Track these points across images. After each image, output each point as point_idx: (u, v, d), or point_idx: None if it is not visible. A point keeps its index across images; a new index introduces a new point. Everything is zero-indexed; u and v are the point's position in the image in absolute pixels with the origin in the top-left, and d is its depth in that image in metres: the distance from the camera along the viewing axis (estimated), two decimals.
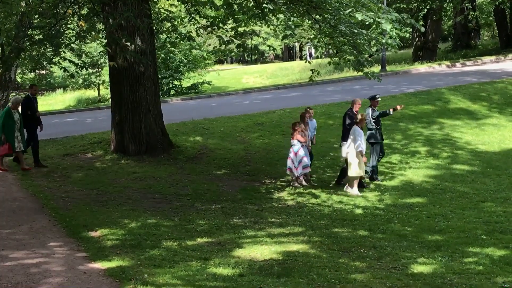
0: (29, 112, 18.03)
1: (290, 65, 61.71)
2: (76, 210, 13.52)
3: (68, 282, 8.88)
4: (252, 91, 36.38)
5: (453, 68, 40.10)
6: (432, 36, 44.52)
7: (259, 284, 8.98)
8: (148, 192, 15.73)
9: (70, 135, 22.29)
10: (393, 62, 44.36)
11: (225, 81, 54.14)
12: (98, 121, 25.66)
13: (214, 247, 11.11)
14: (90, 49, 50.37)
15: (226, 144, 20.81)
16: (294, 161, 16.69)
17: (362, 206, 15.04)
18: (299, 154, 16.64)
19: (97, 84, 53.76)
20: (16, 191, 15.53)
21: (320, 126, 23.28)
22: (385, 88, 29.78)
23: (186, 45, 41.19)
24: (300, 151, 16.67)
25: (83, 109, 34.99)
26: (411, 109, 25.97)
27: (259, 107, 27.06)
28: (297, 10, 17.27)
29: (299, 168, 16.65)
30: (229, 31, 20.69)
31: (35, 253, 10.41)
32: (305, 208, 14.83)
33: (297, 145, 16.73)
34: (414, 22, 16.95)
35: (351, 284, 9.17)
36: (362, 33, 16.57)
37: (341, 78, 38.39)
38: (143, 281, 8.89)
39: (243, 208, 14.51)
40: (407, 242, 11.88)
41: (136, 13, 17.32)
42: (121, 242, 11.17)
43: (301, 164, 16.63)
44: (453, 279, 9.48)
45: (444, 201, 15.38)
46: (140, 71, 18.67)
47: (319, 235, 12.31)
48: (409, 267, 10.17)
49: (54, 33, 16.73)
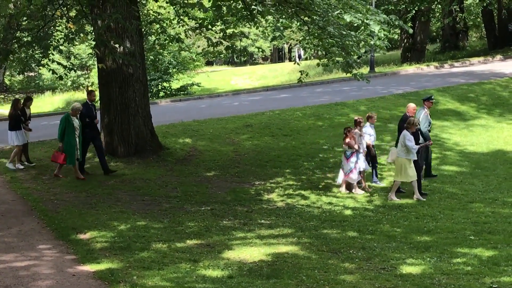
0: (88, 119, 17.45)
1: (279, 67, 61.79)
2: (65, 213, 13.49)
3: (57, 284, 8.87)
4: (242, 92, 36.39)
5: (441, 69, 40.21)
6: (420, 38, 44.65)
7: (248, 286, 9.00)
8: (137, 194, 15.70)
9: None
10: (382, 64, 44.46)
11: (214, 82, 54.14)
12: None
13: (204, 249, 11.11)
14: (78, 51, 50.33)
15: (216, 146, 20.81)
16: (344, 167, 16.37)
17: (351, 207, 15.08)
18: (351, 160, 16.26)
19: (86, 86, 53.65)
20: (4, 194, 15.47)
21: (309, 128, 23.35)
22: (374, 89, 29.86)
23: (175, 46, 41.06)
24: (353, 157, 16.28)
25: None
26: (400, 110, 26.00)
27: (248, 108, 27.07)
28: (285, 12, 17.31)
29: (353, 173, 16.25)
30: (218, 32, 20.70)
31: (24, 256, 10.39)
32: (294, 209, 14.85)
33: (349, 151, 16.37)
34: (402, 24, 17.03)
35: (340, 285, 9.21)
36: (351, 35, 16.62)
37: (330, 80, 38.44)
38: (132, 283, 8.90)
39: (233, 210, 14.52)
40: (396, 243, 11.93)
41: (125, 15, 17.31)
42: (110, 244, 11.16)
43: (356, 170, 16.22)
44: (441, 280, 9.52)
45: (432, 202, 15.44)
46: (129, 73, 18.64)
47: (308, 236, 12.33)
48: (398, 267, 10.21)
49: (42, 35, 16.73)
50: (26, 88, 62.68)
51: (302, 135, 22.41)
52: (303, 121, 24.39)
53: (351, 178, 16.26)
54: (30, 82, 63.73)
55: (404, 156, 15.48)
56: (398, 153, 15.63)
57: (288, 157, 19.73)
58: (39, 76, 61.35)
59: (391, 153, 16.20)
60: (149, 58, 40.13)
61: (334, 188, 16.81)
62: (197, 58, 47.94)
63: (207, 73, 53.46)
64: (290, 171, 18.41)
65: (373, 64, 39.80)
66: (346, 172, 16.30)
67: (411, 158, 15.50)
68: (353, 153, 16.30)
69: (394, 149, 16.06)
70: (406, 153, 15.45)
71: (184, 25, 21.16)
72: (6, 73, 47.43)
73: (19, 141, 17.93)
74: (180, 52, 44.30)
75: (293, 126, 23.67)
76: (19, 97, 30.79)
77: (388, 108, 26.48)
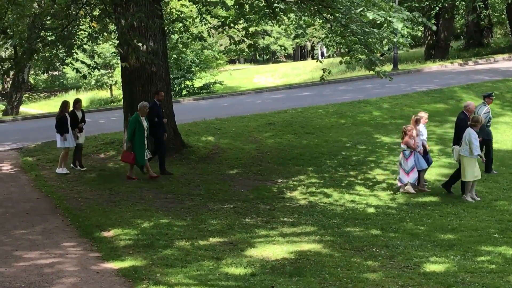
0: (157, 119, 17.45)
1: (301, 65, 61.68)
2: (89, 211, 13.58)
3: (81, 282, 8.93)
4: (264, 90, 36.39)
5: (465, 66, 39.94)
6: (444, 35, 44.37)
7: (271, 284, 9.00)
8: (160, 192, 15.76)
9: None
10: (405, 61, 44.24)
11: (236, 81, 54.18)
12: (111, 121, 25.72)
13: (226, 247, 11.13)
14: (102, 50, 50.59)
15: (238, 144, 20.83)
16: (404, 167, 16.13)
17: (375, 205, 15.03)
18: (410, 160, 16.03)
19: (109, 84, 53.96)
20: (29, 192, 15.62)
21: (331, 126, 23.31)
22: (397, 87, 29.73)
23: (197, 45, 41.24)
24: (412, 157, 16.05)
25: (95, 109, 35.08)
26: (423, 108, 25.87)
27: (270, 106, 27.07)
28: (308, 10, 17.28)
29: (411, 174, 16.01)
30: (241, 31, 20.71)
31: (49, 253, 10.47)
32: (317, 207, 14.83)
33: (407, 150, 16.14)
34: (425, 21, 16.91)
35: (363, 283, 9.18)
36: (374, 32, 16.55)
37: (353, 77, 38.34)
38: (155, 280, 8.93)
39: (255, 208, 14.53)
40: (420, 241, 11.86)
41: (148, 14, 17.37)
42: (134, 242, 11.21)
43: (413, 171, 15.99)
44: (465, 278, 9.46)
45: (456, 199, 15.34)
46: (152, 71, 18.71)
47: (331, 234, 12.31)
48: (421, 266, 10.16)
49: (66, 34, 16.82)
50: (50, 87, 63.22)
51: (325, 133, 22.36)
52: (326, 119, 24.34)
53: (411, 177, 16.07)
54: (55, 81, 64.28)
55: (468, 155, 15.22)
56: (462, 151, 15.34)
57: (310, 155, 19.70)
58: (63, 75, 61.82)
59: (455, 152, 15.86)
60: (172, 56, 40.27)
61: (356, 186, 16.76)
62: (220, 56, 48.01)
63: (229, 71, 53.51)
64: (312, 169, 18.38)
65: (396, 62, 39.62)
66: (407, 171, 16.11)
67: (474, 157, 15.21)
68: (412, 153, 16.15)
69: (458, 147, 15.77)
70: (470, 152, 15.17)
71: (207, 24, 21.22)
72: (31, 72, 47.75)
73: (64, 144, 17.44)
74: (202, 51, 44.44)
75: (315, 124, 23.63)
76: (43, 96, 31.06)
77: (412, 105, 26.35)
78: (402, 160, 16.17)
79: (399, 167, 16.29)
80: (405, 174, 16.06)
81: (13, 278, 9.06)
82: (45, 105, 51.97)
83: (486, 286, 9.11)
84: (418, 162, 16.09)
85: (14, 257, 10.29)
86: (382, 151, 20.21)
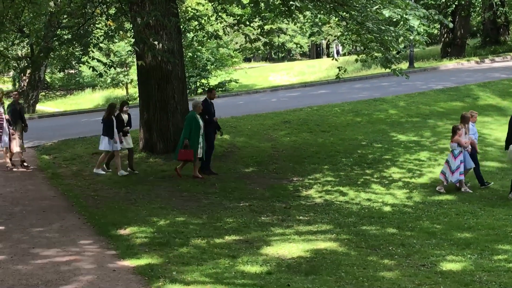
0: (207, 116, 17.44)
1: (317, 63, 61.59)
2: (105, 209, 13.63)
3: (98, 280, 8.96)
4: (279, 89, 36.37)
5: (482, 64, 39.73)
6: (460, 32, 44.17)
7: (287, 282, 8.99)
8: (176, 190, 15.80)
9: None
10: (421, 59, 44.07)
11: (252, 79, 54.18)
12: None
13: (242, 245, 11.13)
14: (118, 49, 50.72)
15: (254, 142, 20.83)
16: (451, 165, 15.93)
17: (391, 203, 14.99)
18: (458, 159, 15.85)
19: (125, 83, 54.11)
20: (46, 190, 15.70)
21: (347, 124, 23.25)
22: (413, 85, 29.59)
23: (213, 43, 41.30)
24: (460, 156, 15.89)
25: None
26: (439, 106, 25.80)
27: (286, 105, 27.04)
28: (323, 7, 17.25)
29: (456, 173, 15.88)
30: (256, 29, 20.71)
31: (65, 251, 10.52)
32: (333, 205, 14.80)
33: (457, 149, 15.97)
34: (442, 18, 16.82)
35: (379, 282, 9.15)
36: (390, 30, 16.49)
37: (368, 75, 38.23)
38: (171, 278, 8.95)
39: (271, 206, 14.53)
40: (436, 239, 11.82)
41: (164, 12, 17.40)
42: (150, 240, 11.24)
43: (458, 170, 15.85)
44: (482, 277, 9.41)
45: (473, 198, 15.26)
46: (168, 70, 18.75)
47: (347, 232, 12.29)
48: (438, 264, 10.12)
49: (82, 32, 16.84)
50: (66, 85, 63.55)
51: (341, 131, 22.31)
52: (342, 117, 24.29)
53: (455, 177, 15.86)
54: (71, 79, 64.58)
55: None
56: None
57: (326, 153, 19.66)
58: (79, 74, 62.10)
59: (509, 153, 15.64)
60: (188, 55, 40.33)
61: (372, 184, 16.71)
62: (235, 54, 48.03)
63: (245, 69, 53.56)
64: (328, 167, 18.35)
65: (412, 60, 39.48)
66: (453, 170, 15.95)
67: None
68: (461, 152, 16.04)
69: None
70: None
71: (222, 22, 21.22)
72: (47, 70, 47.98)
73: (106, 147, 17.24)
74: (218, 49, 44.45)
75: (331, 122, 23.58)
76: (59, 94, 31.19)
77: (428, 103, 26.24)
78: (450, 158, 16.00)
79: (446, 165, 16.12)
80: (451, 173, 15.90)
81: (30, 276, 9.11)
82: (61, 103, 52.23)
83: (503, 285, 9.05)
84: (466, 161, 15.97)
85: (31, 254, 10.34)
86: (398, 149, 20.13)
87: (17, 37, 25.78)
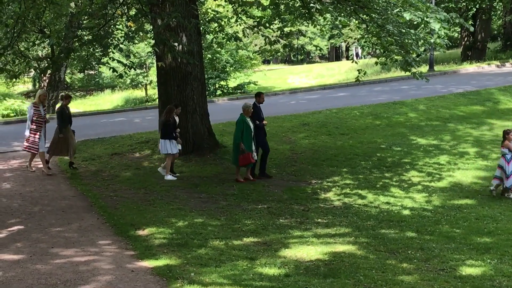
0: (257, 121, 17.45)
1: (336, 65, 61.53)
2: (124, 209, 13.67)
3: (116, 280, 8.98)
4: (299, 91, 36.35)
5: (502, 68, 39.50)
6: (481, 36, 43.97)
7: (305, 285, 8.97)
8: (194, 191, 15.81)
9: (118, 134, 22.52)
10: (441, 62, 43.89)
11: (271, 81, 54.21)
12: (146, 121, 25.89)
13: (261, 247, 11.12)
14: (138, 50, 50.97)
15: (272, 144, 20.78)
16: (506, 170, 15.70)
17: (410, 207, 14.90)
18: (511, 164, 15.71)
19: (144, 84, 54.35)
20: (65, 190, 15.77)
21: (366, 127, 23.19)
22: (433, 88, 29.48)
23: (232, 45, 41.38)
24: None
25: (131, 109, 35.32)
26: (460, 110, 25.67)
27: (305, 107, 27.02)
28: (344, 10, 17.20)
29: (510, 178, 15.63)
30: (276, 31, 20.69)
31: (84, 251, 10.55)
32: (351, 208, 14.75)
33: (509, 154, 15.74)
34: (463, 22, 16.73)
35: (398, 285, 9.10)
36: (410, 33, 16.42)
37: (388, 78, 38.13)
38: (189, 280, 8.95)
39: (289, 208, 14.50)
40: (455, 244, 11.74)
41: (184, 14, 17.43)
42: (168, 241, 11.25)
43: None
44: (502, 282, 9.34)
45: (493, 202, 15.16)
46: (187, 71, 18.78)
47: (365, 236, 12.23)
48: (457, 269, 10.05)
49: (103, 33, 16.89)
50: (86, 86, 63.94)
51: (360, 134, 22.25)
52: (361, 120, 24.23)
53: (509, 182, 15.67)
54: (90, 80, 64.98)
55: None
56: None
57: (345, 156, 19.62)
58: (99, 74, 62.47)
59: None
60: (207, 56, 40.43)
61: (391, 187, 16.64)
62: (254, 56, 48.10)
63: (264, 71, 53.62)
64: (347, 170, 18.30)
65: (432, 63, 39.35)
66: (508, 175, 15.69)
67: None
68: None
69: None
70: None
71: (242, 24, 21.22)
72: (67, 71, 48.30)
73: (168, 150, 16.93)
74: (237, 51, 44.55)
75: (350, 125, 23.53)
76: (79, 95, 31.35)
77: (448, 107, 26.11)
78: (503, 163, 15.80)
79: (500, 170, 15.90)
80: (506, 178, 15.70)
81: (48, 275, 9.15)
82: (81, 104, 52.52)
83: None
84: None
85: (50, 254, 10.38)
86: (418, 152, 20.05)
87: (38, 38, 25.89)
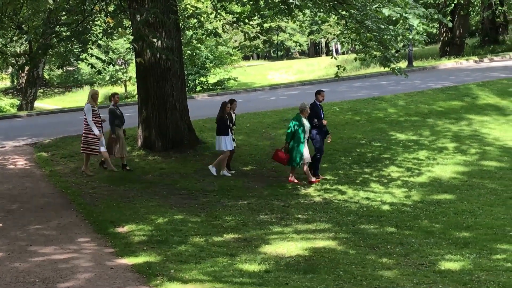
0: (316, 120, 17.04)
1: (316, 61, 61.65)
2: (103, 206, 13.61)
3: (95, 277, 8.94)
4: (279, 87, 36.33)
5: (480, 63, 39.73)
6: (459, 32, 44.17)
7: (286, 281, 8.98)
8: (174, 188, 15.77)
9: None
10: (420, 58, 44.08)
11: (251, 77, 54.20)
12: (125, 117, 25.68)
13: (241, 243, 11.12)
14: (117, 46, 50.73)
15: (252, 140, 20.80)
16: None
17: (389, 202, 14.97)
18: None
19: (123, 80, 54.12)
20: (44, 187, 15.67)
21: (346, 122, 23.23)
22: (412, 84, 29.59)
23: (212, 41, 41.28)
24: None
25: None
26: (438, 105, 25.78)
27: (285, 103, 27.00)
28: (323, 6, 17.19)
29: None
30: (255, 27, 20.65)
31: (63, 248, 10.50)
32: (331, 204, 14.78)
33: None
34: (441, 17, 16.80)
35: (378, 281, 9.14)
36: (389, 29, 16.46)
37: (367, 74, 38.22)
38: (169, 276, 8.93)
39: (270, 204, 14.50)
40: (435, 238, 11.81)
41: (163, 10, 17.36)
42: (148, 238, 11.22)
43: None
44: (481, 276, 9.41)
45: (472, 197, 15.26)
46: (167, 67, 18.71)
47: (345, 231, 12.28)
48: (436, 264, 10.11)
49: (81, 29, 16.79)
50: (65, 83, 63.57)
51: (339, 130, 22.28)
52: (340, 115, 24.26)
53: None
54: (69, 76, 64.64)
55: None
56: None
57: (325, 152, 19.60)
58: (77, 71, 62.14)
59: None
60: (187, 52, 40.32)
61: (371, 183, 16.69)
62: (234, 52, 48.05)
63: (243, 67, 53.60)
64: (327, 166, 18.32)
65: (411, 59, 39.47)
66: None
67: None
68: None
69: None
70: None
71: (221, 20, 21.17)
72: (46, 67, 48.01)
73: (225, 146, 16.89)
74: (217, 47, 44.47)
75: (330, 120, 23.48)
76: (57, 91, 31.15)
77: (427, 103, 26.22)
78: None
79: None
80: None
81: (27, 273, 9.09)
82: (59, 100, 52.24)
83: (501, 285, 9.05)
84: None
85: (28, 252, 10.32)
86: (397, 148, 20.12)
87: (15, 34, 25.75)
